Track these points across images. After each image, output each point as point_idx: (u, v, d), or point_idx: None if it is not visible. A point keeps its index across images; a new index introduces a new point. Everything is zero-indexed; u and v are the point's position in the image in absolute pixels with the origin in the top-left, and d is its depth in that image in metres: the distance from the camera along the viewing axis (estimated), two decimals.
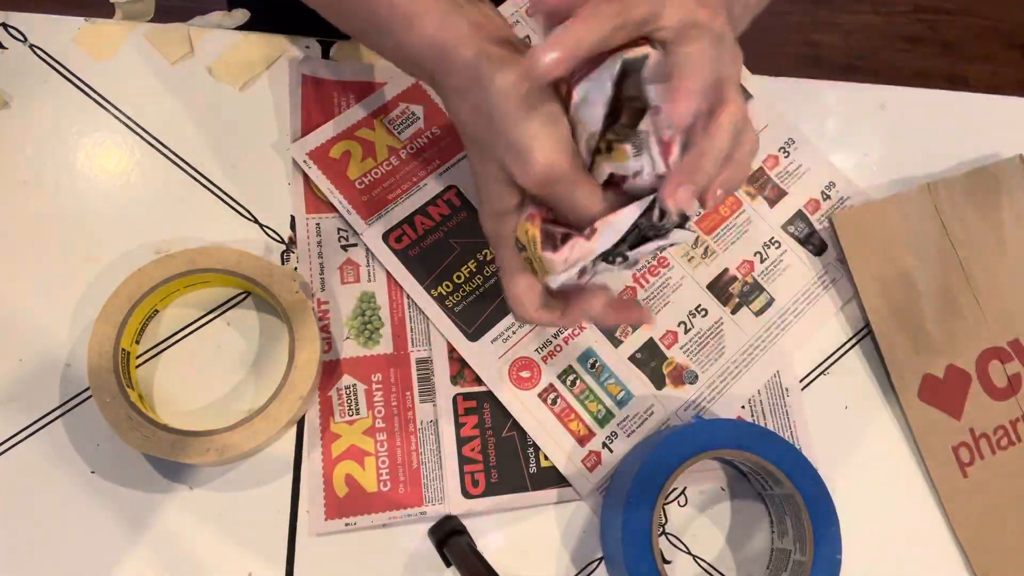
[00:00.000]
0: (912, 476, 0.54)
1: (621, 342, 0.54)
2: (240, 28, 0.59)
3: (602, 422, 0.52)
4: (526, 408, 0.51)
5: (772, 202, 0.58)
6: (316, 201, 0.54)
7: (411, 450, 0.50)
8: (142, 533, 0.47)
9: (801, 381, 0.55)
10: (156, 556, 0.47)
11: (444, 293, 0.53)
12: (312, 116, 0.55)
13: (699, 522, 0.52)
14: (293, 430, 0.50)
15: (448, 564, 0.48)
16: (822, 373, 0.56)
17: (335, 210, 0.54)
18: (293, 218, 0.54)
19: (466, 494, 0.49)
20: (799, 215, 0.59)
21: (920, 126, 0.63)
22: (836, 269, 0.58)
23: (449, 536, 0.47)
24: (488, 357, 0.52)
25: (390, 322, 0.52)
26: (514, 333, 0.52)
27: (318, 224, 0.53)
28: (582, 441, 0.51)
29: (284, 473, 0.49)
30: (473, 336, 0.52)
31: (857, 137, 0.62)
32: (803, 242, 0.58)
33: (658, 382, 0.53)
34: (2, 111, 0.53)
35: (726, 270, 0.56)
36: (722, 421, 0.52)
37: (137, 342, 0.49)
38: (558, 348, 0.53)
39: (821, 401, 0.55)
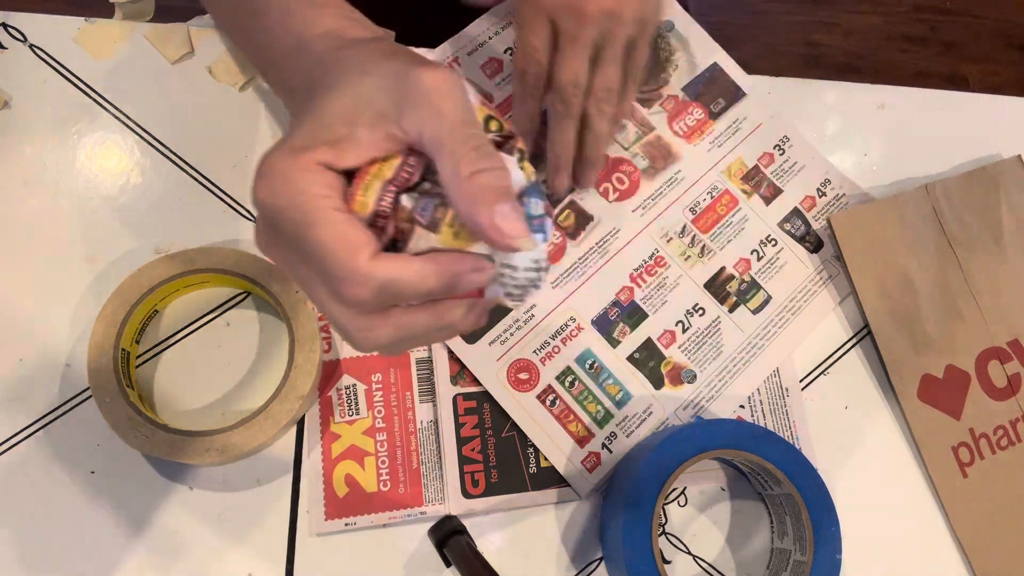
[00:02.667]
0: (912, 476, 0.54)
1: (619, 342, 0.54)
2: None
3: (601, 423, 0.52)
4: (525, 410, 0.51)
5: (768, 200, 0.59)
6: None
7: (411, 450, 0.50)
8: (142, 533, 0.47)
9: (801, 381, 0.55)
10: (156, 556, 0.47)
11: None
12: None
13: (699, 522, 0.52)
14: (293, 430, 0.50)
15: (448, 564, 0.48)
16: (822, 373, 0.56)
17: None
18: None
19: (466, 494, 0.49)
20: (795, 212, 0.59)
21: (920, 126, 0.63)
22: (833, 266, 0.58)
23: (449, 536, 0.47)
24: (486, 359, 0.52)
25: None
26: (511, 335, 0.52)
27: None
28: (581, 442, 0.51)
29: (284, 473, 0.49)
30: (471, 338, 0.52)
31: (856, 137, 0.62)
32: (800, 239, 0.58)
33: (656, 382, 0.53)
34: (2, 111, 0.53)
35: (723, 268, 0.56)
36: (722, 421, 0.52)
37: (137, 342, 0.49)
38: (556, 350, 0.53)
39: (821, 401, 0.55)
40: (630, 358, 0.53)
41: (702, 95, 0.60)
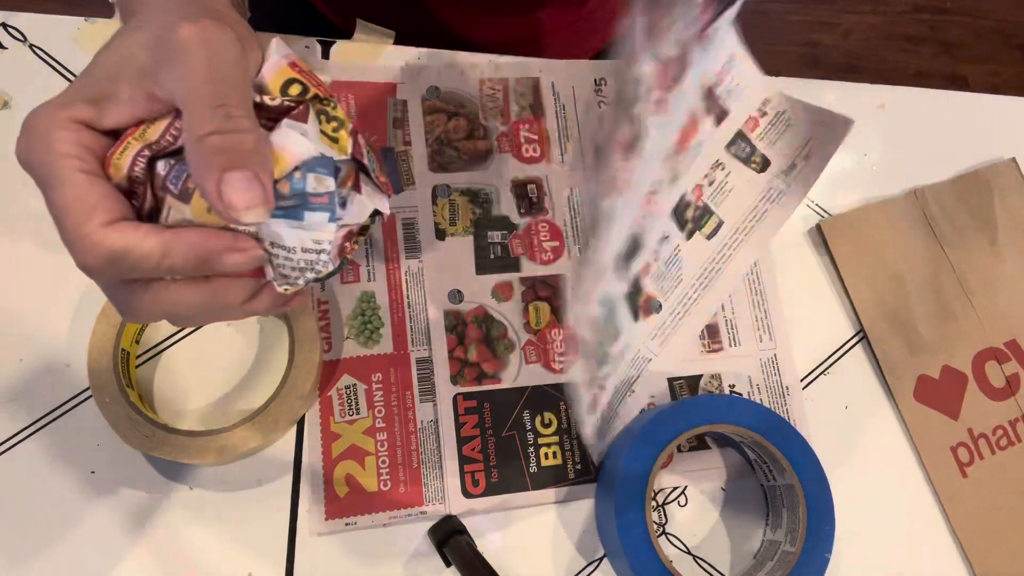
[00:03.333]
0: (912, 476, 0.54)
1: None
2: None
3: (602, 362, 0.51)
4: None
5: (718, 121, 0.56)
6: None
7: (411, 450, 0.50)
8: (142, 533, 0.47)
9: (801, 381, 0.55)
10: (156, 556, 0.47)
11: None
12: None
13: (699, 522, 0.52)
14: (293, 430, 0.50)
15: (448, 564, 0.48)
16: (822, 373, 0.56)
17: None
18: None
19: (466, 494, 0.49)
20: (740, 135, 0.58)
21: (920, 126, 0.63)
22: (781, 182, 0.57)
23: (449, 536, 0.47)
24: None
25: (390, 322, 0.52)
26: None
27: None
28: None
29: (284, 473, 0.49)
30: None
31: (856, 137, 0.62)
32: (745, 161, 0.57)
33: (634, 315, 0.53)
34: (2, 111, 0.53)
35: (684, 195, 0.55)
36: (735, 399, 0.51)
37: (137, 342, 0.49)
38: None
39: (821, 401, 0.55)
40: None
41: None
